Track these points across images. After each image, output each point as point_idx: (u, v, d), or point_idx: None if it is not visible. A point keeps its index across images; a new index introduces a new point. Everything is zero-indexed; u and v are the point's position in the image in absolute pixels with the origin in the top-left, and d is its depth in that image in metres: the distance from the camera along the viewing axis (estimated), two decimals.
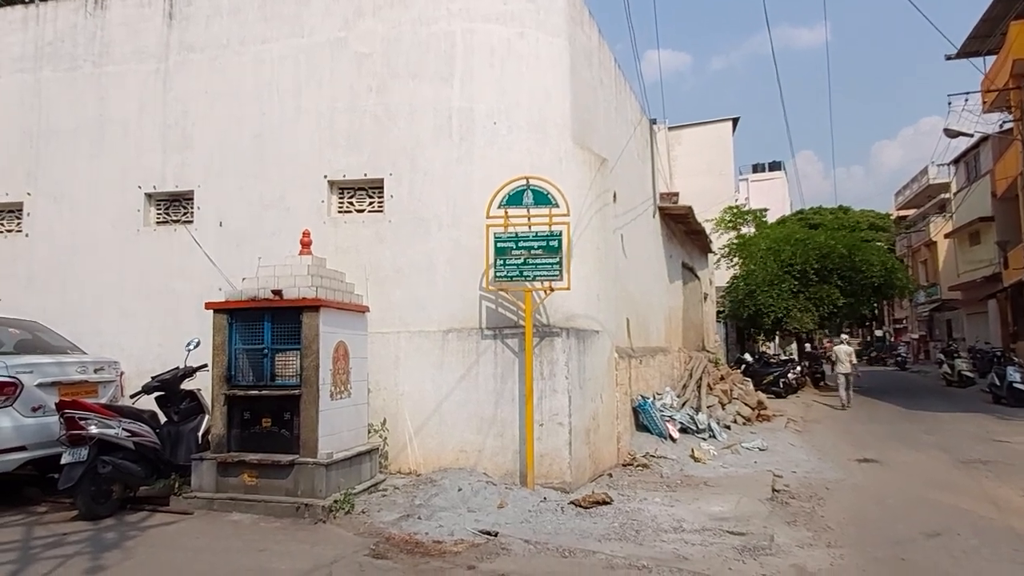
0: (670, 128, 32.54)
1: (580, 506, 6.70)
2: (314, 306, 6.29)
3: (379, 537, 5.53)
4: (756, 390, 18.91)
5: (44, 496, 6.63)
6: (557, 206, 7.29)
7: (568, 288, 7.33)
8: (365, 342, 7.27)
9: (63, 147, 8.95)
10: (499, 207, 7.39)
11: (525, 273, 7.25)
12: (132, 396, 6.91)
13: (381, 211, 8.14)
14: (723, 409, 13.27)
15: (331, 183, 8.26)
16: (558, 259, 7.20)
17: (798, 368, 22.10)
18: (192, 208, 8.58)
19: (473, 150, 8.00)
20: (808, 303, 22.16)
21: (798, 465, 9.55)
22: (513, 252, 7.29)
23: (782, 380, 20.00)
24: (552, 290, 7.29)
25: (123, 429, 5.99)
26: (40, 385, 6.22)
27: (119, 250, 8.63)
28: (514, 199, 7.35)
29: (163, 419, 6.89)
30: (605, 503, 6.80)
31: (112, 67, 8.90)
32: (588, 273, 8.34)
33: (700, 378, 13.38)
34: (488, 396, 7.52)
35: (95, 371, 6.82)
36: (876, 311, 51.03)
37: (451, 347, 7.71)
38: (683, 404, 11.60)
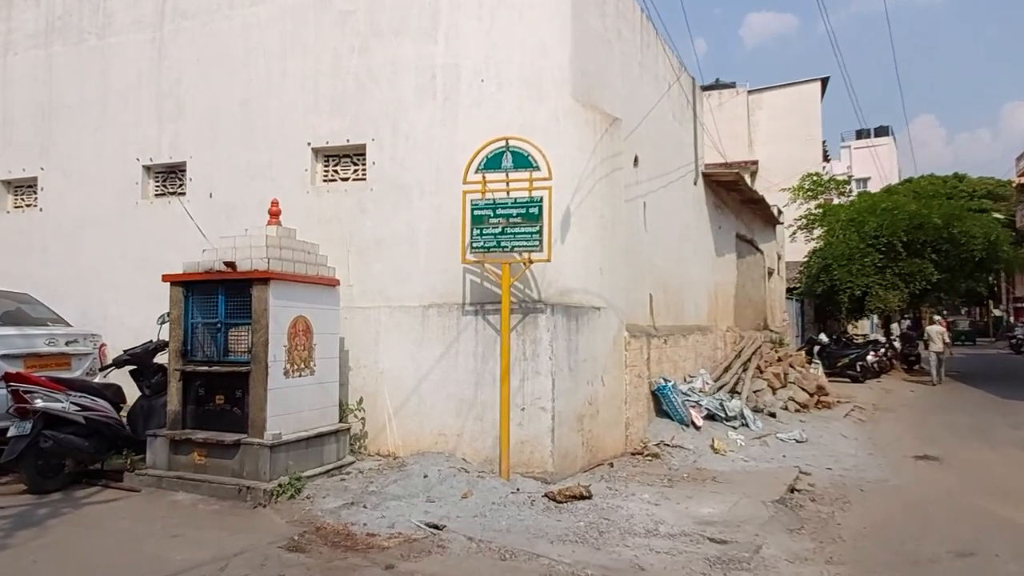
0: (750, 92, 30.52)
1: (554, 500, 6.08)
2: (263, 278, 5.93)
3: (309, 527, 5.15)
4: (828, 374, 17.51)
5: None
6: (538, 169, 6.58)
7: (548, 259, 6.64)
8: (336, 317, 6.89)
9: (72, 121, 9.05)
10: (476, 172, 6.76)
11: (503, 243, 6.62)
12: (102, 369, 6.86)
13: (364, 179, 7.70)
14: (773, 394, 12.12)
15: (315, 151, 7.89)
16: (538, 228, 6.52)
17: (881, 350, 20.16)
18: (185, 179, 8.45)
19: (458, 111, 7.39)
20: (896, 279, 20.14)
21: (838, 460, 8.47)
22: (490, 220, 6.67)
23: (859, 363, 18.28)
24: (531, 262, 6.62)
25: (72, 403, 5.89)
26: (5, 357, 6.22)
27: (120, 223, 8.65)
28: (492, 162, 6.70)
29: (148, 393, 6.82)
30: (582, 498, 6.15)
31: (113, 38, 8.87)
32: (588, 244, 7.59)
33: (748, 360, 12.28)
34: (468, 377, 6.99)
35: (67, 344, 6.80)
36: (994, 288, 46.26)
37: (431, 323, 7.21)
38: (719, 388, 10.63)
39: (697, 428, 9.04)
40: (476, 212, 6.70)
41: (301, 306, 6.36)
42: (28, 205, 9.37)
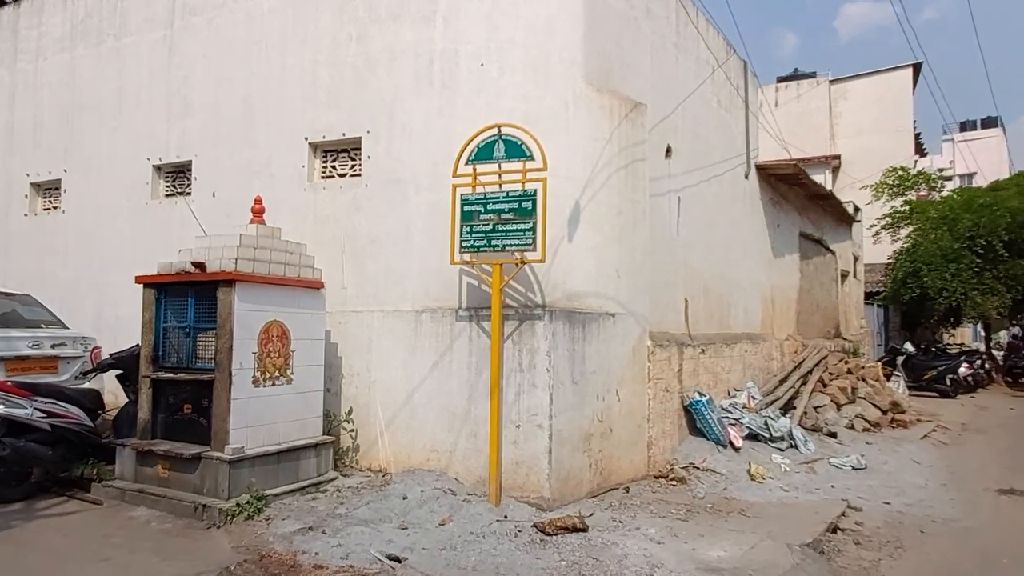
0: (832, 81, 28.48)
1: (543, 531, 5.37)
2: (228, 280, 5.52)
3: (253, 554, 4.67)
4: (913, 388, 15.82)
5: None
6: (531, 158, 5.89)
7: (542, 259, 5.93)
8: (320, 322, 6.43)
9: (91, 123, 9.05)
10: (467, 163, 6.14)
11: (494, 242, 5.96)
12: (85, 373, 6.67)
13: (359, 175, 7.22)
14: (837, 411, 10.88)
15: (313, 146, 7.48)
16: (531, 224, 5.82)
17: (977, 361, 18.10)
18: (191, 178, 8.26)
19: (456, 99, 6.79)
20: (996, 283, 18.06)
21: (900, 493, 7.31)
22: (481, 217, 6.02)
23: (949, 376, 16.41)
24: (524, 262, 5.93)
25: (37, 410, 5.67)
26: None
27: (132, 223, 8.55)
28: (484, 152, 6.06)
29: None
30: (576, 530, 5.40)
31: (129, 38, 8.81)
32: (602, 243, 6.84)
33: (808, 372, 11.07)
34: (461, 389, 6.37)
35: (52, 346, 6.65)
36: None
37: (424, 329, 6.63)
38: (770, 404, 9.54)
39: (736, 449, 8.06)
40: (466, 208, 6.08)
41: (276, 310, 5.92)
42: (54, 207, 9.47)
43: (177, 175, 8.52)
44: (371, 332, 6.90)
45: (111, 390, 7.28)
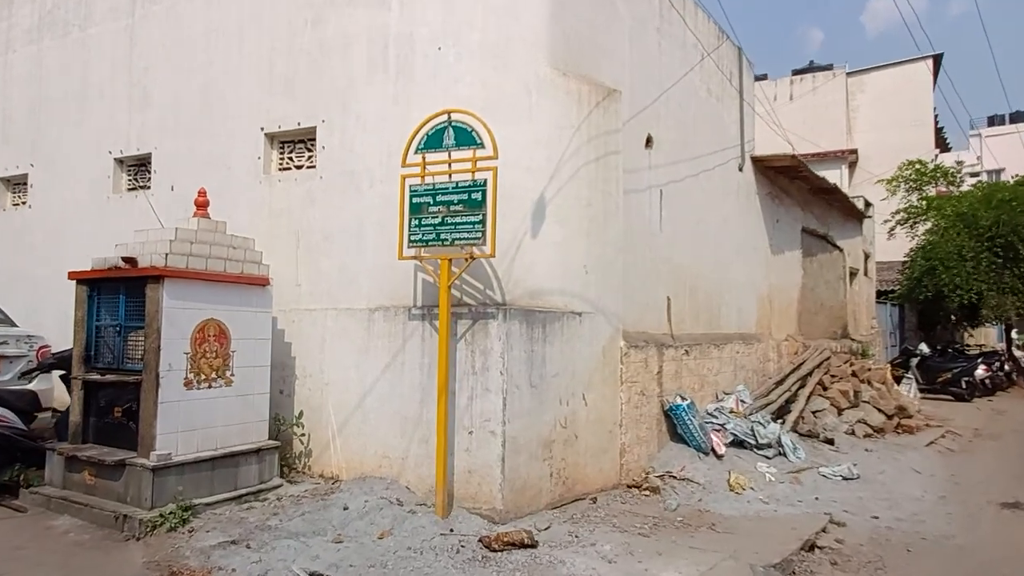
0: (849, 73, 27.63)
1: (489, 547, 4.99)
2: (156, 276, 5.21)
3: (165, 571, 4.34)
4: (926, 391, 15.16)
5: None
6: (482, 146, 5.49)
7: (492, 255, 5.54)
8: (265, 321, 6.09)
9: (57, 116, 8.83)
10: (416, 152, 5.76)
11: (442, 236, 5.58)
12: (24, 374, 6.42)
13: (315, 167, 6.89)
14: (838, 416, 10.34)
15: (269, 136, 7.16)
16: (480, 216, 5.43)
17: (996, 363, 17.33)
18: (151, 172, 7.99)
19: (412, 86, 6.42)
20: (1016, 282, 17.29)
21: (893, 506, 6.81)
22: (430, 209, 5.64)
23: (965, 378, 15.70)
24: (472, 257, 5.54)
25: None
26: None
27: (95, 218, 8.30)
28: (433, 141, 5.67)
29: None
30: (524, 546, 5.01)
31: (93, 28, 8.57)
32: (568, 238, 6.43)
33: (807, 375, 10.53)
34: (413, 392, 6.00)
35: None
36: None
37: (377, 329, 6.28)
38: (762, 408, 9.04)
39: (719, 457, 7.60)
40: (414, 199, 5.70)
41: (213, 308, 5.60)
42: (23, 203, 9.27)
43: (139, 168, 8.26)
44: (324, 331, 6.56)
45: None
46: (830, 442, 9.23)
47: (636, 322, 7.48)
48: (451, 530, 5.27)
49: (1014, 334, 26.44)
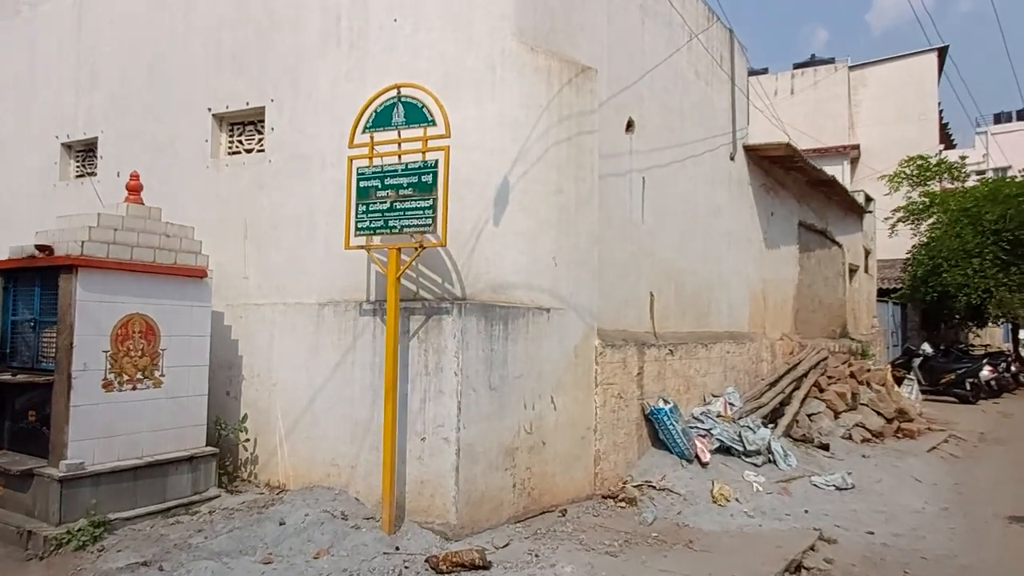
0: (851, 67, 27.02)
1: (436, 569, 4.49)
2: (69, 266, 4.70)
3: None
4: (928, 392, 14.58)
5: None
6: (433, 123, 4.97)
7: (443, 243, 5.03)
8: (202, 316, 5.58)
9: (2, 100, 8.33)
10: (364, 131, 5.24)
11: (391, 222, 5.06)
12: None
13: (264, 150, 6.37)
14: (835, 419, 9.80)
15: (218, 118, 6.66)
16: (430, 201, 4.91)
17: (1002, 364, 16.74)
18: (97, 157, 7.48)
19: (366, 61, 5.91)
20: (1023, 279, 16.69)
21: (890, 519, 6.27)
22: (378, 193, 5.12)
23: (969, 380, 15.11)
24: (423, 246, 5.01)
25: None
26: None
27: (42, 207, 7.77)
28: (381, 118, 5.15)
29: None
30: (475, 567, 4.50)
31: (43, 7, 8.06)
32: (536, 227, 5.91)
33: (803, 376, 9.98)
34: (364, 394, 5.48)
35: None
36: None
37: (327, 325, 5.76)
38: (753, 411, 8.50)
39: (703, 465, 7.06)
40: (362, 183, 5.18)
41: (139, 301, 5.09)
42: None
43: (87, 154, 7.76)
44: (273, 328, 6.05)
45: None
46: (825, 448, 8.68)
47: (614, 319, 6.96)
48: (396, 548, 4.76)
49: (1022, 334, 25.83)
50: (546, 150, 5.98)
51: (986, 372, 15.47)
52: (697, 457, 7.08)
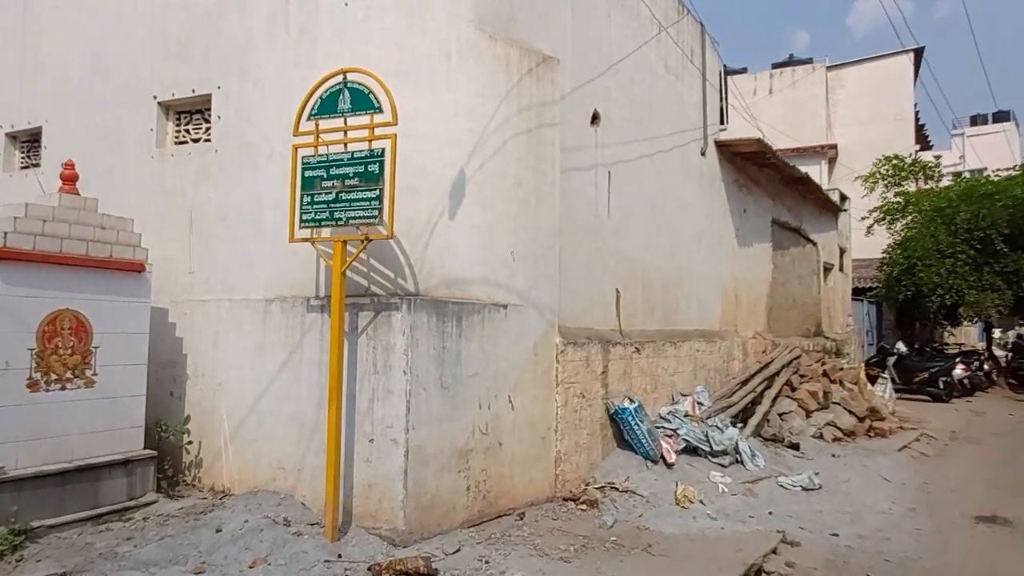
0: (829, 67, 27.12)
1: None
2: None
3: None
4: (902, 391, 14.58)
5: None
6: (380, 110, 4.75)
7: (390, 236, 4.79)
8: (141, 312, 5.31)
9: None
10: (309, 119, 5.01)
11: (336, 214, 4.83)
12: None
13: (211, 139, 6.12)
14: (806, 418, 9.69)
15: (164, 106, 6.39)
16: (377, 192, 4.68)
17: (975, 362, 16.81)
18: (42, 148, 7.17)
19: (316, 47, 5.67)
20: (996, 279, 16.75)
21: (856, 520, 6.14)
22: (323, 184, 4.89)
23: (942, 378, 15.13)
24: (369, 239, 4.79)
25: None
26: None
27: None
28: (327, 105, 4.92)
29: None
30: (421, 575, 4.28)
31: None
32: (493, 220, 5.72)
33: (775, 375, 9.87)
34: (311, 394, 5.25)
35: None
36: None
37: (273, 322, 5.52)
38: (723, 410, 8.36)
39: (668, 466, 6.90)
40: (307, 173, 4.95)
41: (68, 296, 4.83)
42: None
43: (32, 144, 7.44)
44: (218, 324, 5.80)
45: None
46: (795, 447, 8.57)
47: (578, 317, 6.77)
48: (339, 556, 4.54)
49: (995, 332, 26.07)
50: (505, 142, 5.79)
51: (959, 371, 15.51)
52: (663, 458, 6.92)
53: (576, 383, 6.45)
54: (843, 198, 16.14)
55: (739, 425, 8.22)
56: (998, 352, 22.73)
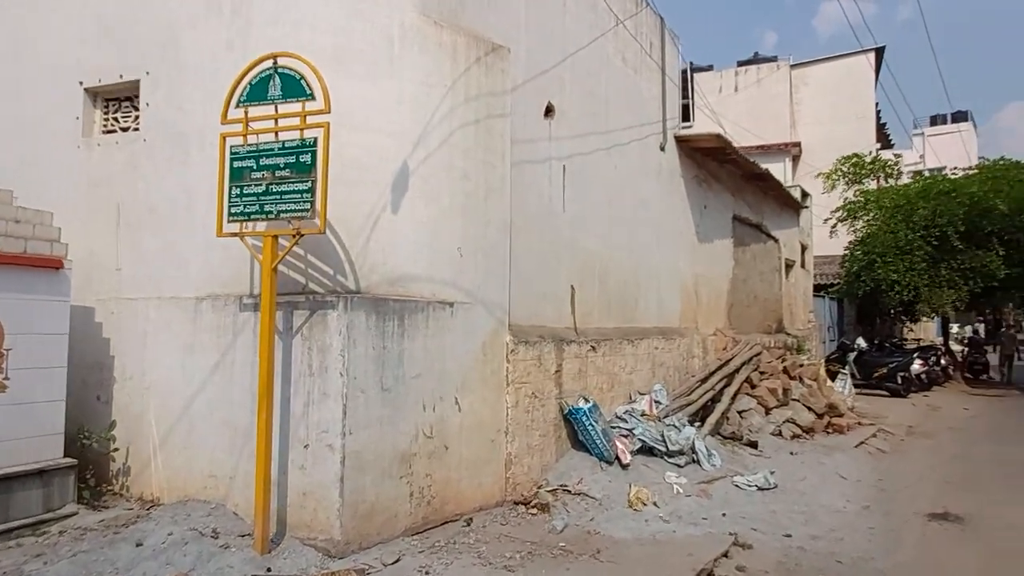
0: (793, 66, 27.36)
1: None
2: None
3: None
4: (862, 387, 14.72)
5: None
6: (312, 97, 4.49)
7: (322, 231, 4.54)
8: (60, 312, 4.97)
9: None
10: (238, 105, 4.72)
11: (266, 207, 4.56)
12: None
13: (139, 128, 5.78)
14: (765, 415, 9.65)
15: (91, 93, 6.02)
16: (309, 183, 4.42)
17: (932, 357, 17.06)
18: None
19: (250, 30, 5.37)
20: (952, 275, 17.00)
21: (811, 520, 6.06)
22: (252, 175, 4.61)
23: (900, 373, 15.31)
24: (300, 234, 4.53)
25: None
26: None
27: None
28: (257, 91, 4.64)
29: None
30: None
31: None
32: (439, 215, 5.49)
33: (735, 372, 9.81)
34: (244, 397, 4.96)
35: None
36: None
37: (205, 321, 5.23)
38: (682, 409, 8.25)
39: (624, 467, 6.76)
40: (235, 163, 4.66)
41: None
42: None
43: None
44: (147, 324, 5.48)
45: None
46: (753, 445, 8.51)
47: (531, 314, 6.58)
48: (268, 569, 4.29)
49: (952, 328, 26.59)
50: (451, 132, 5.57)
51: (917, 366, 15.71)
52: (618, 458, 6.77)
53: (528, 383, 6.26)
54: (804, 195, 16.22)
55: (697, 424, 8.12)
56: (955, 347, 23.17)
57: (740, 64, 28.27)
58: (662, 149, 9.39)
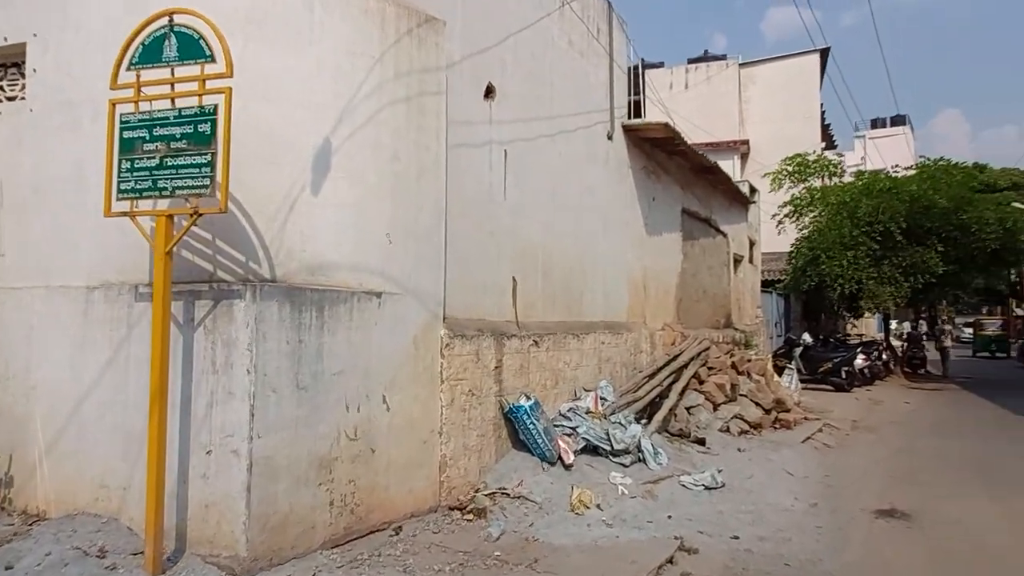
0: (741, 64, 27.64)
1: None
2: None
3: None
4: (807, 382, 14.79)
5: None
6: (212, 60, 3.99)
7: (223, 210, 4.04)
8: None
9: None
10: (129, 68, 4.18)
11: (160, 183, 4.04)
12: None
13: (25, 97, 5.16)
14: (713, 411, 9.49)
15: None
16: (208, 156, 3.92)
17: (875, 352, 17.34)
18: None
19: None
20: (894, 272, 17.29)
21: (758, 520, 5.83)
22: (145, 147, 4.08)
23: (844, 368, 15.47)
24: (199, 214, 4.03)
25: None
26: None
27: None
28: (151, 52, 4.12)
29: None
30: None
31: None
32: (365, 198, 5.05)
33: (683, 367, 9.60)
34: (140, 398, 4.41)
35: None
36: (1017, 285, 42.25)
37: (97, 313, 4.67)
38: (628, 405, 7.97)
39: (567, 467, 6.42)
40: (126, 133, 4.13)
41: None
42: None
43: None
44: (32, 316, 4.88)
45: None
46: (701, 442, 8.30)
47: (469, 307, 6.19)
48: None
49: (892, 324, 27.31)
50: (379, 109, 5.13)
51: (860, 361, 15.91)
52: (560, 459, 6.43)
53: (464, 379, 5.86)
54: (752, 190, 16.26)
55: (644, 421, 7.85)
56: (895, 343, 23.72)
57: (691, 61, 28.45)
58: (609, 138, 9.10)
